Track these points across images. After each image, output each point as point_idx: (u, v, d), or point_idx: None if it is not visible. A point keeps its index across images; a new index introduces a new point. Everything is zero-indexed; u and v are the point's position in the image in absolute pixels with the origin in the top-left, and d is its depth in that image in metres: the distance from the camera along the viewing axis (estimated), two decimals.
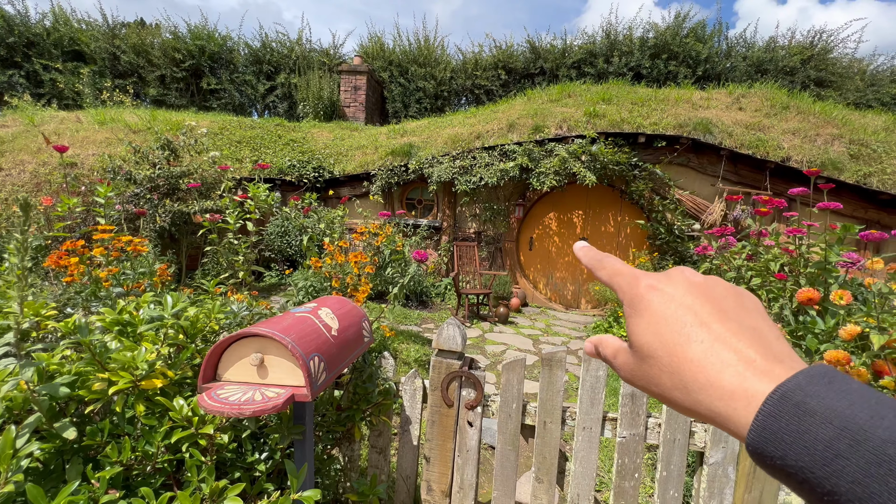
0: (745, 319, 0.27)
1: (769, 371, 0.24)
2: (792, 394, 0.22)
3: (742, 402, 0.24)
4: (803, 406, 0.21)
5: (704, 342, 0.26)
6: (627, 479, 1.49)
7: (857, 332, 1.84)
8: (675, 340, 0.27)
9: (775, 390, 0.22)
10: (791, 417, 0.21)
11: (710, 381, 0.25)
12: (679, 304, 0.28)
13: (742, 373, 0.24)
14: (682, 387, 0.26)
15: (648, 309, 0.29)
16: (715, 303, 0.28)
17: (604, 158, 6.10)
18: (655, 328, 0.28)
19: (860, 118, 6.81)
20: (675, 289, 0.29)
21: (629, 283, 0.31)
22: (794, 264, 2.70)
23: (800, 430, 0.21)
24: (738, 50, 10.53)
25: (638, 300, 0.30)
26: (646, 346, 0.29)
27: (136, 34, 10.88)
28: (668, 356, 0.27)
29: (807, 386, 0.22)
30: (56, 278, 2.20)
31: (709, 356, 0.26)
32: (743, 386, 0.24)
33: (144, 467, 0.91)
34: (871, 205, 5.71)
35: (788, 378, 0.23)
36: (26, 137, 6.58)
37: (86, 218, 5.09)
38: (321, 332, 1.01)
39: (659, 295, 0.29)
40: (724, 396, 0.24)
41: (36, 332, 1.11)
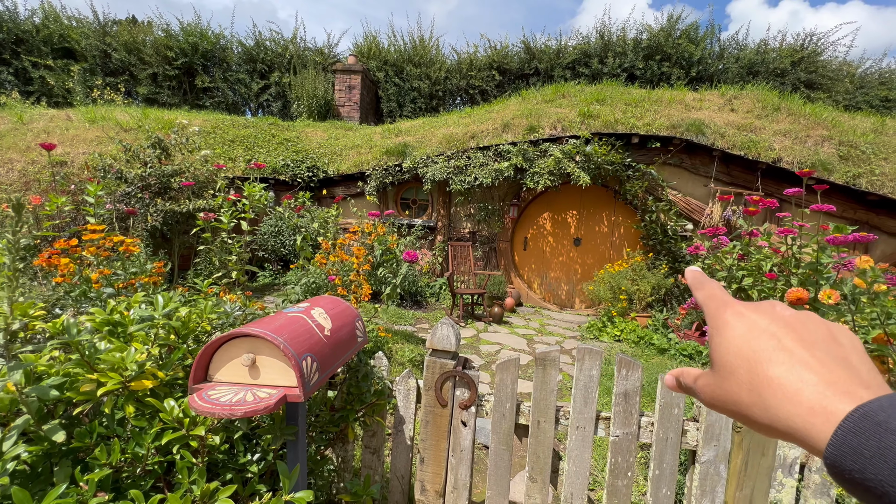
0: (834, 350, 0.28)
1: (852, 393, 0.25)
2: (874, 413, 0.22)
3: (821, 417, 0.24)
4: (885, 425, 0.22)
5: (785, 363, 0.27)
6: (620, 477, 1.50)
7: None
8: (756, 359, 0.29)
9: (857, 409, 0.23)
10: (871, 434, 0.22)
11: (789, 397, 0.26)
12: (763, 331, 0.30)
13: (823, 392, 0.25)
14: (761, 403, 0.27)
15: (733, 331, 0.31)
16: (801, 333, 0.29)
17: (598, 159, 6.13)
18: (738, 348, 0.30)
19: (849, 120, 6.90)
20: (761, 318, 0.31)
21: (717, 306, 0.33)
22: (785, 264, 2.73)
23: (881, 445, 0.21)
24: (731, 52, 10.64)
25: (723, 323, 0.32)
26: (728, 364, 0.30)
27: (127, 32, 10.76)
28: (749, 373, 0.28)
29: (889, 407, 0.22)
30: (45, 278, 2.17)
31: (789, 375, 0.27)
32: (822, 403, 0.25)
33: (134, 469, 0.90)
34: (860, 205, 5.79)
35: (871, 400, 0.23)
36: (15, 136, 6.48)
37: (76, 217, 5.03)
38: (314, 332, 1.00)
39: (745, 321, 0.31)
40: (802, 413, 0.25)
41: (24, 332, 1.09)
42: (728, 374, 0.30)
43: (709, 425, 1.44)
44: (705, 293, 0.35)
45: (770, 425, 0.27)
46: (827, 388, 0.25)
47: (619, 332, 5.13)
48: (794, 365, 0.27)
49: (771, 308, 0.31)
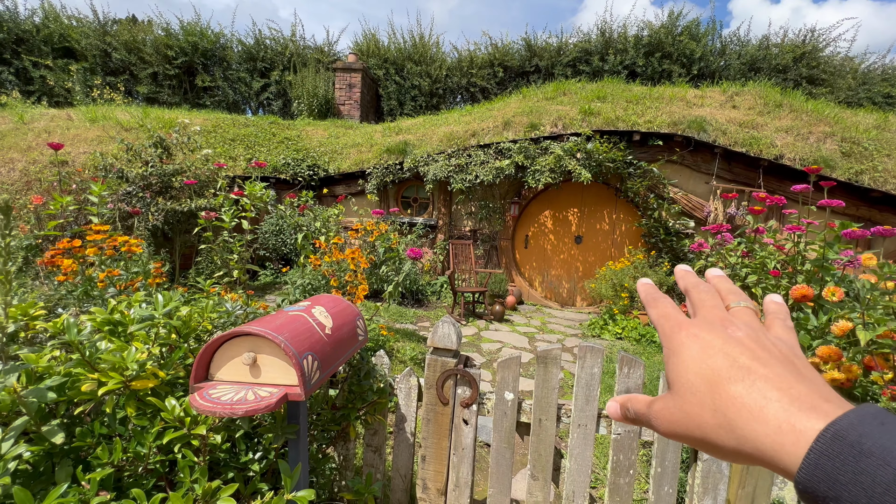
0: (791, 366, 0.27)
1: (816, 407, 0.24)
2: (845, 433, 0.21)
3: (789, 437, 0.23)
4: (858, 446, 0.21)
5: (745, 381, 0.26)
6: (622, 475, 1.50)
7: (849, 328, 1.86)
8: (716, 377, 0.28)
9: (827, 428, 0.22)
10: (846, 457, 0.21)
11: (754, 415, 0.25)
12: (718, 350, 0.29)
13: (787, 408, 0.24)
14: (726, 424, 0.26)
15: (689, 352, 0.30)
16: (755, 351, 0.28)
17: (599, 156, 6.12)
18: (697, 368, 0.29)
19: (852, 116, 6.87)
20: (715, 338, 0.30)
21: (672, 327, 0.32)
22: (790, 262, 2.72)
23: (856, 470, 0.20)
24: (732, 48, 10.59)
25: (678, 345, 0.31)
26: (688, 384, 0.29)
27: (127, 31, 10.75)
28: (711, 393, 0.27)
29: (860, 425, 0.21)
30: (48, 278, 2.17)
31: (752, 392, 0.26)
32: (790, 421, 0.24)
33: (136, 468, 0.90)
34: (862, 202, 5.76)
35: (840, 416, 0.22)
36: (16, 135, 6.49)
37: (77, 216, 5.03)
38: (315, 331, 1.00)
39: (699, 342, 0.30)
40: (769, 432, 0.24)
41: (25, 332, 1.09)
42: (689, 394, 0.29)
43: None
44: (659, 312, 0.34)
45: (737, 448, 0.26)
46: (791, 405, 0.24)
47: (621, 330, 5.12)
48: (755, 381, 0.26)
49: (723, 328, 0.31)
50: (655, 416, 0.31)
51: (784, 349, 0.29)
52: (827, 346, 1.82)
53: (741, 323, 0.31)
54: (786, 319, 0.33)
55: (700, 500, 1.44)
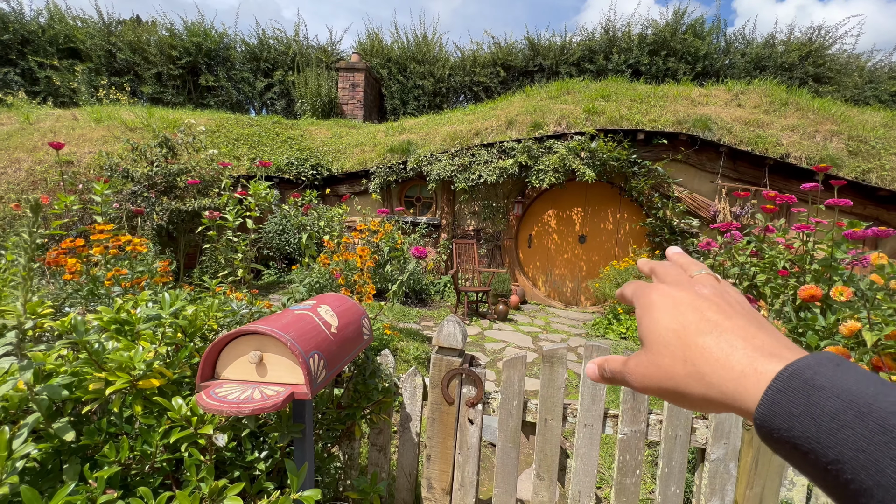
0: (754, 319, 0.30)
1: (778, 354, 0.26)
2: (801, 371, 0.23)
3: (752, 380, 0.25)
4: (812, 382, 0.23)
5: (713, 332, 0.29)
6: (629, 475, 1.49)
7: (857, 329, 1.84)
8: (685, 330, 0.30)
9: (785, 368, 0.24)
10: (800, 392, 0.23)
11: (721, 363, 0.27)
12: (687, 305, 0.31)
13: (751, 354, 0.26)
14: (696, 373, 0.28)
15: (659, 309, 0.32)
16: (721, 306, 0.31)
17: (603, 155, 6.09)
18: (667, 322, 0.31)
19: (859, 114, 6.81)
20: (685, 294, 0.32)
21: (643, 290, 0.35)
22: (799, 261, 2.70)
23: (808, 402, 0.22)
24: (737, 46, 10.52)
25: (649, 303, 0.33)
26: (660, 339, 0.31)
27: (132, 31, 10.80)
28: (682, 345, 0.29)
29: (815, 365, 0.23)
30: (53, 277, 2.19)
31: (719, 342, 0.28)
32: (752, 366, 0.26)
33: (143, 467, 0.90)
34: (869, 201, 5.71)
35: (798, 359, 0.24)
36: (22, 135, 6.54)
37: (83, 216, 5.06)
38: (320, 330, 1.00)
39: (669, 299, 0.32)
40: (734, 377, 0.26)
41: (32, 331, 1.09)
42: (661, 347, 0.30)
43: (718, 423, 1.42)
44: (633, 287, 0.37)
45: (704, 395, 0.28)
46: (755, 352, 0.26)
47: (625, 330, 5.10)
48: (722, 333, 0.28)
49: (690, 286, 0.33)
50: (630, 372, 0.33)
51: (746, 305, 0.32)
52: (835, 346, 1.81)
53: (706, 283, 0.33)
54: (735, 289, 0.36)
55: (707, 500, 1.43)
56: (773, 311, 2.53)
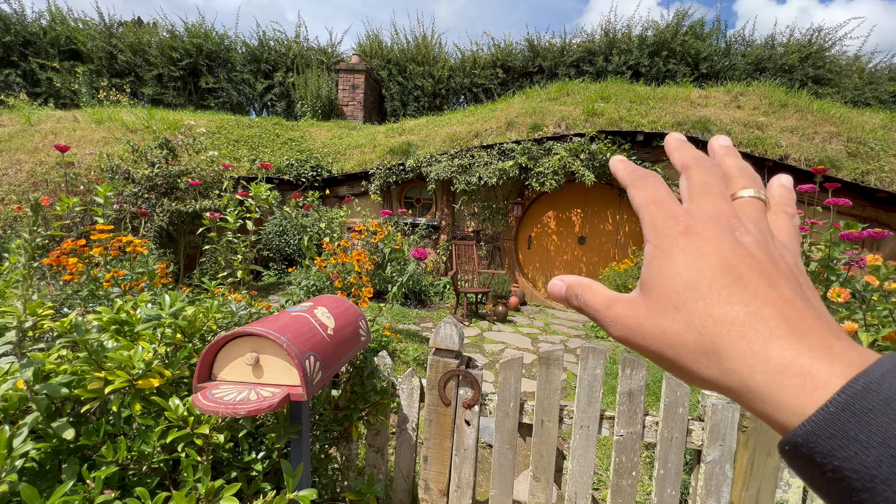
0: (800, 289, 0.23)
1: (830, 347, 0.20)
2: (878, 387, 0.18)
3: (795, 379, 0.20)
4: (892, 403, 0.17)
5: (750, 304, 0.22)
6: (625, 477, 1.49)
7: (854, 330, 1.84)
8: (712, 297, 0.22)
9: (857, 379, 0.18)
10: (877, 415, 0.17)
11: (753, 349, 0.21)
12: (722, 259, 0.23)
13: (796, 346, 0.20)
14: (712, 351, 0.22)
15: (684, 257, 0.24)
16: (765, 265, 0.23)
17: (602, 157, 6.10)
18: (689, 278, 0.23)
19: (858, 116, 6.82)
20: (722, 241, 0.24)
21: (666, 220, 0.25)
22: None
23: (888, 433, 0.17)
24: (737, 48, 10.54)
25: (672, 243, 0.24)
26: (673, 295, 0.23)
27: (133, 33, 10.84)
28: (701, 312, 0.22)
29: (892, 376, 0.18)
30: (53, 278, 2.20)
31: (754, 320, 0.21)
32: (798, 361, 0.20)
33: (140, 467, 0.91)
34: (868, 203, 5.72)
35: (871, 366, 0.18)
36: (23, 137, 6.56)
37: (83, 217, 5.07)
38: (317, 331, 1.01)
39: (698, 242, 0.24)
40: (768, 370, 0.20)
41: (32, 331, 1.10)
42: (671, 307, 0.23)
43: (714, 425, 1.43)
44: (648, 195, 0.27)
45: (716, 378, 0.22)
46: (800, 342, 0.20)
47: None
48: (761, 307, 0.22)
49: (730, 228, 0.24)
50: (616, 320, 0.25)
51: (791, 262, 0.24)
52: None
53: (751, 224, 0.25)
54: (794, 215, 0.28)
55: (703, 502, 1.44)
56: None
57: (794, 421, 0.19)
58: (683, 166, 0.29)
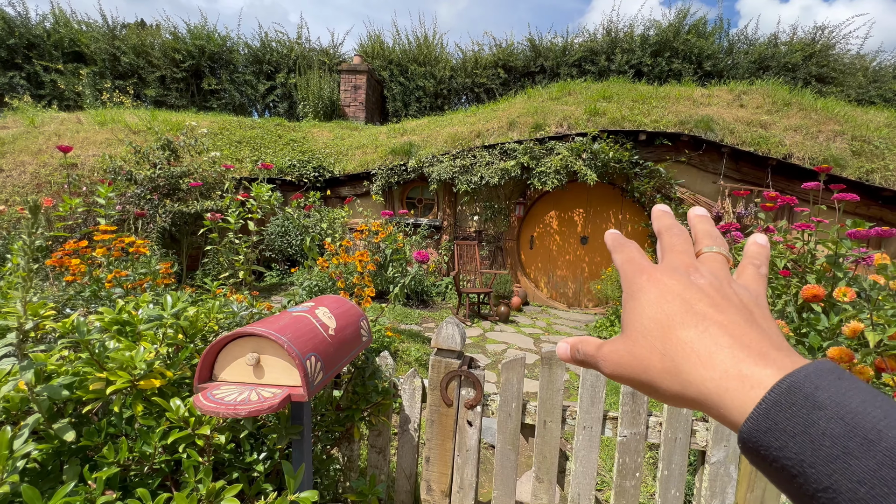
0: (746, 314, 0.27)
1: (767, 354, 0.23)
2: (801, 385, 0.21)
3: (735, 383, 0.23)
4: (813, 398, 0.20)
5: (699, 327, 0.26)
6: (628, 478, 1.48)
7: (860, 329, 1.83)
8: (668, 322, 0.27)
9: (784, 379, 0.21)
10: (798, 409, 0.20)
11: (703, 360, 0.25)
12: (676, 295, 0.28)
13: (737, 354, 0.24)
14: (673, 368, 0.26)
15: (647, 296, 0.29)
16: (714, 298, 0.28)
17: (605, 156, 6.09)
18: (652, 312, 0.28)
19: (862, 114, 6.77)
20: (676, 283, 0.29)
21: (634, 271, 0.32)
22: (800, 261, 2.69)
23: (808, 422, 0.20)
24: (740, 47, 10.49)
25: (638, 288, 0.30)
26: (640, 328, 0.29)
27: (136, 35, 10.89)
28: (662, 337, 0.27)
29: (816, 378, 0.21)
30: (56, 279, 2.20)
31: (703, 338, 0.26)
32: (738, 367, 0.23)
33: (142, 468, 0.91)
34: (873, 202, 5.68)
35: (797, 368, 0.22)
36: (27, 139, 6.59)
37: (86, 218, 5.09)
38: (318, 332, 1.00)
39: (658, 286, 0.30)
40: (715, 378, 0.24)
41: (34, 332, 1.10)
42: (640, 337, 0.28)
43: (718, 425, 1.42)
44: (624, 256, 0.34)
45: (680, 392, 0.25)
46: (742, 351, 0.24)
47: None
48: (708, 327, 0.26)
49: (686, 274, 0.30)
50: (604, 358, 0.31)
51: (745, 298, 0.28)
52: (838, 347, 1.80)
53: (706, 270, 0.30)
54: (761, 266, 0.32)
55: (708, 503, 1.43)
56: (775, 311, 2.52)
57: (740, 420, 0.22)
58: (658, 232, 0.36)
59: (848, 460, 0.19)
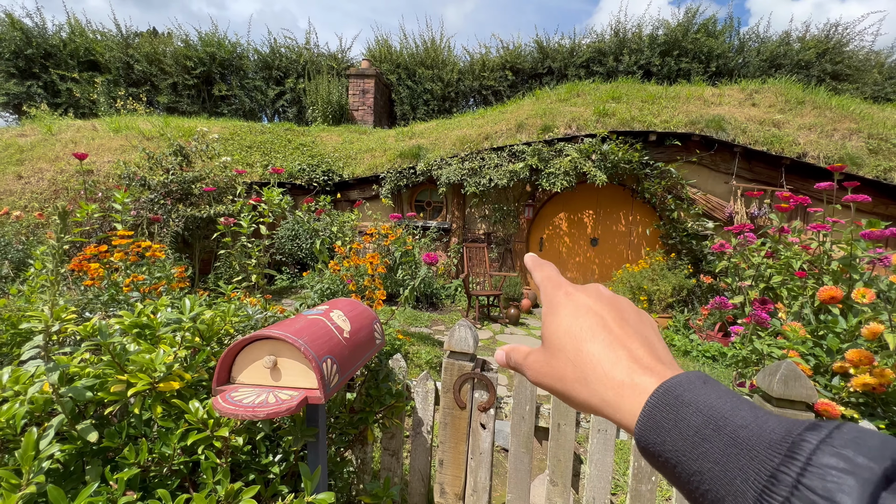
0: (641, 329, 0.32)
1: (653, 367, 0.28)
2: (673, 388, 0.25)
3: (629, 391, 0.27)
4: (681, 398, 0.24)
5: (604, 340, 0.30)
6: (644, 482, 1.47)
7: (880, 331, 1.79)
8: (582, 336, 0.31)
9: (661, 385, 0.25)
10: (671, 408, 0.24)
11: (605, 372, 0.29)
12: (588, 309, 0.32)
13: (631, 366, 0.28)
14: (583, 378, 0.30)
15: (563, 310, 0.33)
16: (618, 313, 0.32)
17: (614, 157, 6.04)
18: (567, 326, 0.32)
19: (879, 112, 6.64)
20: (588, 298, 0.33)
21: (553, 287, 0.36)
22: (816, 262, 2.64)
23: (677, 417, 0.24)
24: (751, 45, 10.37)
25: (556, 303, 0.34)
26: (557, 342, 0.32)
27: (148, 43, 11.10)
28: (575, 350, 0.31)
29: (686, 383, 0.25)
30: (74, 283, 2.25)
31: (607, 352, 0.29)
32: (631, 378, 0.27)
33: (161, 469, 0.92)
34: (892, 201, 5.56)
35: (672, 377, 0.26)
36: (44, 146, 6.75)
37: (102, 224, 5.19)
38: (333, 335, 1.01)
39: (573, 300, 0.34)
40: (614, 386, 0.28)
41: (57, 335, 1.13)
42: (557, 350, 0.32)
43: None
44: (543, 274, 0.37)
45: (587, 400, 0.29)
46: (634, 363, 0.28)
47: None
48: (612, 342, 0.30)
49: (596, 289, 0.34)
50: (528, 367, 0.34)
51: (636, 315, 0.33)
52: (857, 349, 1.76)
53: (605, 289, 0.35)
54: None
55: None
56: (791, 313, 2.47)
57: (633, 423, 0.26)
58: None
59: (705, 445, 0.22)
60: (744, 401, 0.24)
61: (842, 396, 1.83)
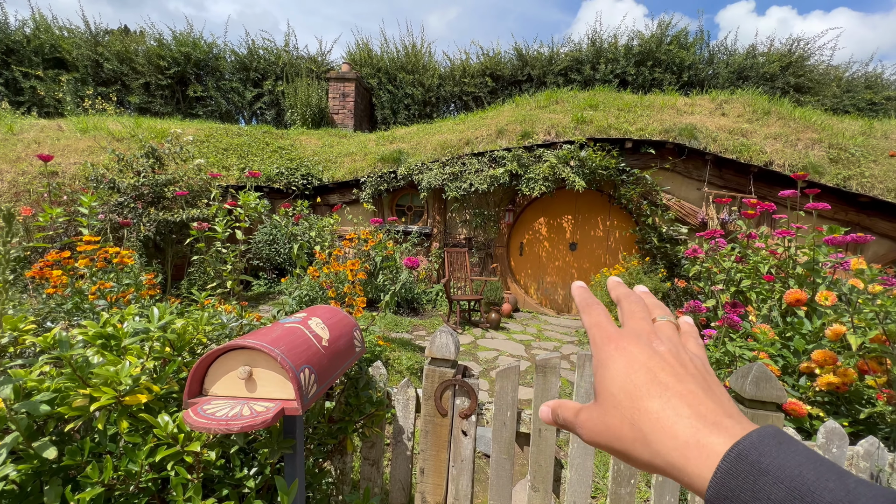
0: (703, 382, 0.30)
1: (719, 423, 0.26)
2: (747, 453, 0.23)
3: (695, 451, 0.25)
4: (758, 465, 0.23)
5: (662, 397, 0.29)
6: (623, 485, 1.48)
7: (842, 332, 1.87)
8: (636, 393, 0.29)
9: (732, 448, 0.24)
10: (747, 476, 0.23)
11: (666, 431, 0.27)
12: (641, 365, 0.31)
13: (695, 424, 0.26)
14: (642, 438, 0.28)
15: (616, 365, 0.32)
16: (674, 367, 0.31)
17: (592, 164, 6.17)
18: (621, 382, 0.31)
19: (838, 123, 7.01)
20: (641, 352, 0.32)
21: (603, 338, 0.34)
22: (782, 266, 2.75)
23: (755, 489, 0.22)
24: (720, 57, 10.80)
25: (607, 356, 0.33)
26: (611, 398, 0.31)
27: (119, 42, 10.73)
28: (631, 408, 0.29)
29: (760, 445, 0.24)
30: (36, 290, 2.13)
31: (665, 409, 0.28)
32: (696, 437, 0.26)
33: (127, 487, 0.88)
34: (851, 207, 5.86)
35: (743, 437, 0.24)
36: (4, 146, 6.42)
37: (67, 228, 4.96)
38: (311, 343, 0.99)
39: (625, 355, 0.32)
40: (678, 447, 0.26)
41: (13, 347, 1.06)
42: (611, 407, 0.30)
43: None
44: (592, 320, 0.36)
45: (650, 461, 0.28)
46: (699, 421, 0.26)
47: None
48: (671, 398, 0.28)
49: (648, 342, 0.32)
50: (581, 426, 0.33)
51: (699, 364, 0.32)
52: (822, 350, 1.84)
53: (665, 337, 0.33)
54: (697, 337, 0.36)
55: None
56: (760, 315, 2.56)
57: (703, 486, 0.24)
58: (617, 300, 0.39)
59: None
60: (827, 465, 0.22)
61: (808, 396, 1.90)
